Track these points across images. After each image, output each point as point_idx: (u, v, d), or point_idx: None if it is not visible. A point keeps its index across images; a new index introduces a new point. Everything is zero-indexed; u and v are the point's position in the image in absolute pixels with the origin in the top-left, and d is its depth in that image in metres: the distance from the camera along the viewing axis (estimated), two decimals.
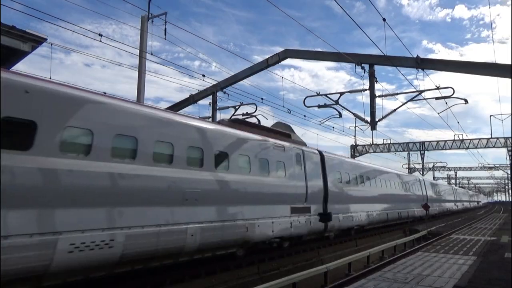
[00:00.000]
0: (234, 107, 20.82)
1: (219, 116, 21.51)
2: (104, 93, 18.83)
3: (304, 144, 15.95)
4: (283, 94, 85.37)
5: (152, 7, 17.06)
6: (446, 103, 16.98)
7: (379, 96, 15.98)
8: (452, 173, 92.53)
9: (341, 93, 17.40)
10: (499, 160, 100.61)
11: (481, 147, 44.66)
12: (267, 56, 20.41)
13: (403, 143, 53.45)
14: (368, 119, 15.87)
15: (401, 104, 17.19)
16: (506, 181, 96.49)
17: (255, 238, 11.63)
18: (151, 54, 16.12)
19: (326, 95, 17.65)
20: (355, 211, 18.60)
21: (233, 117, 18.36)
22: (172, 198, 9.07)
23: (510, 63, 12.97)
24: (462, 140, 40.49)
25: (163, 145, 9.11)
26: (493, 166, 64.17)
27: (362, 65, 15.68)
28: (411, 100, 16.73)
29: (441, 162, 61.62)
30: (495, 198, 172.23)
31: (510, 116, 27.74)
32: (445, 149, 48.74)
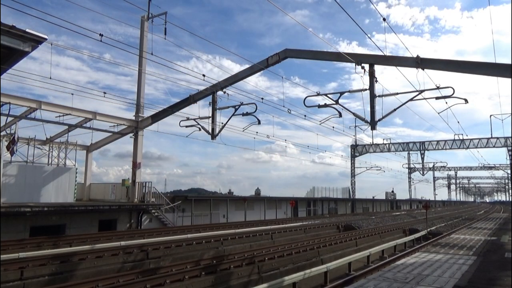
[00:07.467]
0: (234, 107, 20.77)
1: (219, 116, 21.45)
2: (104, 92, 18.77)
3: None
4: (282, 94, 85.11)
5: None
6: (446, 102, 16.90)
7: (379, 96, 15.92)
8: (452, 172, 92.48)
9: (341, 93, 17.34)
10: (499, 160, 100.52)
11: (481, 147, 44.64)
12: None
13: (403, 143, 53.48)
14: (368, 118, 15.83)
15: (401, 104, 17.10)
16: (506, 180, 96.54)
17: None
18: (151, 54, 16.08)
19: (326, 94, 17.59)
20: None
21: None
22: None
23: (510, 63, 12.97)
24: (462, 140, 40.45)
25: None
26: (493, 166, 64.18)
27: (362, 64, 15.66)
28: (411, 100, 16.66)
29: (441, 162, 61.50)
30: (495, 198, 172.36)
31: (510, 116, 27.73)
32: (445, 149, 48.77)
